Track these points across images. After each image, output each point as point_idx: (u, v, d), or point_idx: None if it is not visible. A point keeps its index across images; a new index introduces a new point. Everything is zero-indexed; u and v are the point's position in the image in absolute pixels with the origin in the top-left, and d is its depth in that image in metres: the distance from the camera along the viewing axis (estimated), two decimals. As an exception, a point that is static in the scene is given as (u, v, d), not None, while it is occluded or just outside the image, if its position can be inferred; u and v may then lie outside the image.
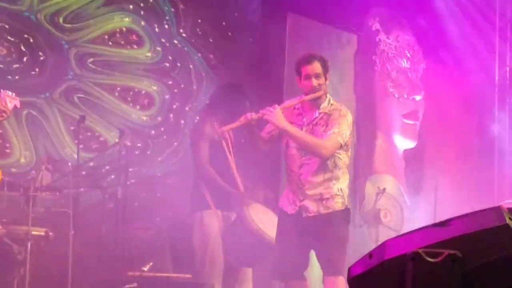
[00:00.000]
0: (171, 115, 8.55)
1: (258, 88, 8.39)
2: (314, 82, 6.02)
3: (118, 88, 8.21)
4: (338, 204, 6.08)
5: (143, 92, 8.39)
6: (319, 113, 6.08)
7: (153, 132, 8.40)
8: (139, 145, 8.21)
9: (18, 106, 6.00)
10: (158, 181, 8.33)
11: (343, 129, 6.02)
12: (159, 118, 8.45)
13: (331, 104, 6.13)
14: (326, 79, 6.11)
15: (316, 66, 6.04)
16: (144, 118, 8.36)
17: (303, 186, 6.07)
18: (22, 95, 6.41)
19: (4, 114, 5.88)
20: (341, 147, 6.00)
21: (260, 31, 9.04)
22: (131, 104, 8.28)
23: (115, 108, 8.18)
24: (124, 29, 8.29)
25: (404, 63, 10.18)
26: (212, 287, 6.66)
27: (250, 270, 7.05)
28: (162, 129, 8.46)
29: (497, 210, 2.42)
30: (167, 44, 8.56)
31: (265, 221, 6.65)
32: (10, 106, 5.91)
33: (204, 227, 6.81)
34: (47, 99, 7.72)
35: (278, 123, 5.97)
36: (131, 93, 8.31)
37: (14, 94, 6.02)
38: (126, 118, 8.22)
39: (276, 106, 6.04)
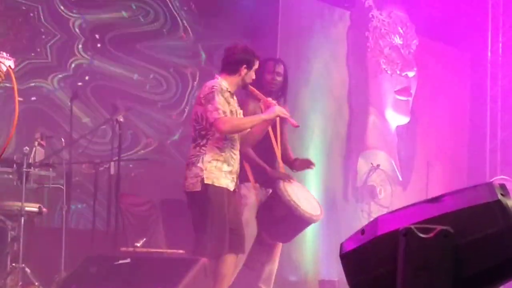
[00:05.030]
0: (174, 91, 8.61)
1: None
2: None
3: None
4: None
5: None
6: None
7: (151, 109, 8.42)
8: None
9: (13, 66, 5.45)
10: (151, 157, 8.35)
11: None
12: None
13: None
14: None
15: None
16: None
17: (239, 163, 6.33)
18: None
19: None
20: None
21: (253, 6, 9.02)
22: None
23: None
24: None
25: (397, 39, 10.17)
26: (203, 263, 6.64)
27: (280, 246, 6.97)
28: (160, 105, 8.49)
29: (489, 186, 2.44)
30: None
31: (299, 195, 6.61)
32: (3, 68, 5.37)
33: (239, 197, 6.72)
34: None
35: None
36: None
37: (7, 54, 5.49)
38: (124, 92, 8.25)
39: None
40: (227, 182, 6.12)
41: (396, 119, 10.21)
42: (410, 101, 10.32)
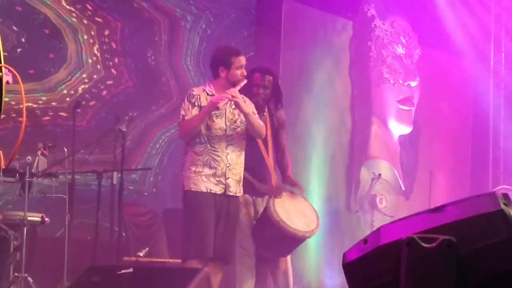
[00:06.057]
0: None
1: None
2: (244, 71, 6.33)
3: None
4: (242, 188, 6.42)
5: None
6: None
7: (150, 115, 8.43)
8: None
9: (11, 82, 5.37)
10: (153, 167, 8.35)
11: None
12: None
13: None
14: None
15: (243, 58, 6.35)
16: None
17: (230, 165, 6.25)
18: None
19: None
20: None
21: (256, 16, 9.03)
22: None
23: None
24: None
25: (399, 49, 10.17)
26: (206, 273, 6.63)
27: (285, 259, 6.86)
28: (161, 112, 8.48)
29: (492, 195, 2.44)
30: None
31: (291, 211, 6.53)
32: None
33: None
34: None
35: (245, 108, 6.24)
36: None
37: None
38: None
39: (236, 91, 6.23)
40: (210, 185, 6.18)
41: (398, 128, 10.20)
42: (412, 110, 10.31)
